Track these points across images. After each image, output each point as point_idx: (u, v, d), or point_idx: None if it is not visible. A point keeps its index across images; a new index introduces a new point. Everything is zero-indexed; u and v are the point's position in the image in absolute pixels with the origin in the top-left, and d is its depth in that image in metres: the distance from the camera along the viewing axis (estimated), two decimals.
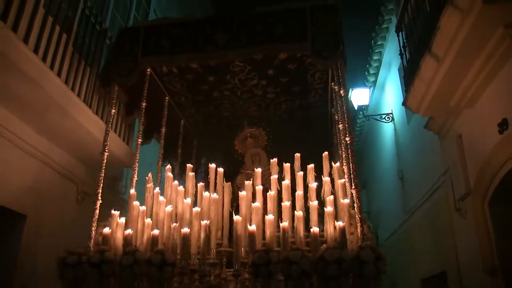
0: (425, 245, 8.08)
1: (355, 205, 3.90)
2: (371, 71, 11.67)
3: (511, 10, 4.28)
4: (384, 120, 10.19)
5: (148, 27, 5.00)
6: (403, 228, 9.55)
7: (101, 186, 4.40)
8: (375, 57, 11.15)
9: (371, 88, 11.75)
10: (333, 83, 5.06)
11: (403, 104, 6.83)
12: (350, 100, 4.71)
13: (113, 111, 4.79)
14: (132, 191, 4.63)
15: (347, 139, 4.17)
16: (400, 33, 7.04)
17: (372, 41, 10.74)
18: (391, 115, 10.00)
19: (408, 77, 6.53)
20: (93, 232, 4.17)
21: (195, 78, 5.51)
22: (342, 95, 4.42)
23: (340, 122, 4.69)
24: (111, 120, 4.77)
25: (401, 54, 6.99)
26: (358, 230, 3.79)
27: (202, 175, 5.86)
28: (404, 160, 9.41)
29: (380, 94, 11.64)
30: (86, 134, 5.65)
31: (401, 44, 6.96)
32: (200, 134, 6.69)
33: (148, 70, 5.11)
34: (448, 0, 4.65)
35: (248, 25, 4.68)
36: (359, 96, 10.71)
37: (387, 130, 10.61)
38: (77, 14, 5.65)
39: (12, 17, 4.34)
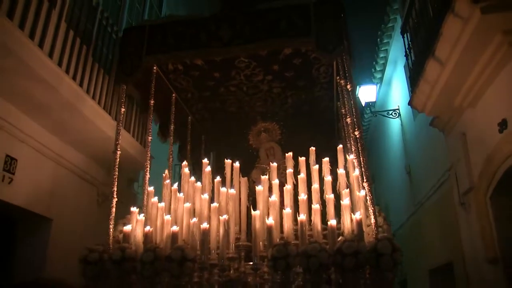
0: (432, 237, 8.20)
1: (367, 197, 3.93)
2: (378, 68, 11.72)
3: (508, 18, 4.52)
4: (391, 116, 10.27)
5: (153, 25, 5.04)
6: (411, 221, 9.65)
7: (116, 184, 4.48)
8: (382, 55, 11.23)
9: (378, 85, 11.81)
10: (338, 77, 5.09)
11: (409, 104, 7.03)
12: (358, 96, 4.76)
13: (123, 110, 4.85)
14: (151, 188, 4.69)
15: (356, 133, 4.20)
16: (405, 35, 7.25)
17: (378, 39, 10.82)
18: (397, 111, 10.08)
19: (413, 77, 6.74)
20: (111, 230, 4.26)
21: (200, 75, 5.56)
22: (349, 89, 4.43)
23: (348, 116, 4.70)
24: (121, 119, 4.81)
25: (406, 56, 7.21)
26: (373, 222, 3.82)
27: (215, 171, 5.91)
28: (411, 155, 9.52)
29: (386, 90, 11.72)
30: (105, 139, 5.83)
31: (406, 46, 7.17)
32: (208, 130, 6.74)
33: (154, 68, 5.15)
34: (450, 8, 4.84)
35: (252, 21, 4.70)
36: (366, 93, 10.79)
37: (394, 125, 10.67)
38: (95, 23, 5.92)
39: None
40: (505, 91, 5.02)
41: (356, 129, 4.21)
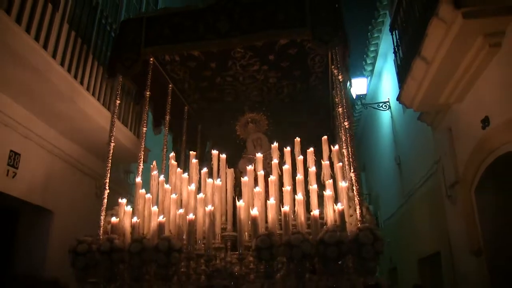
0: (421, 227, 8.45)
1: (354, 188, 4.02)
2: (368, 61, 11.88)
3: (488, 23, 4.80)
4: (381, 108, 10.48)
5: (150, 17, 5.07)
6: (401, 211, 9.85)
7: (108, 175, 4.56)
8: (372, 48, 11.37)
9: (369, 78, 11.98)
10: (333, 66, 5.15)
11: (397, 99, 7.20)
12: (349, 88, 4.84)
13: (118, 102, 4.90)
14: (138, 179, 4.75)
15: (346, 123, 4.27)
16: (394, 32, 7.43)
17: (369, 33, 10.97)
18: (388, 103, 10.28)
19: (401, 74, 6.95)
20: (102, 221, 4.33)
21: (197, 65, 5.61)
22: (341, 80, 4.50)
23: (339, 106, 4.77)
24: (116, 111, 4.86)
25: (394, 52, 7.41)
26: (357, 212, 3.92)
27: (208, 162, 5.95)
28: (400, 146, 9.73)
29: (377, 83, 11.91)
30: (103, 132, 5.84)
31: (395, 43, 7.39)
32: (204, 120, 6.80)
33: (151, 59, 5.19)
34: (434, 12, 5.06)
35: (249, 12, 4.76)
36: (357, 86, 10.99)
37: (385, 117, 10.86)
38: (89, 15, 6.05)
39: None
40: (487, 89, 5.33)
41: (346, 119, 4.28)
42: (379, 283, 3.58)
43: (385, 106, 10.29)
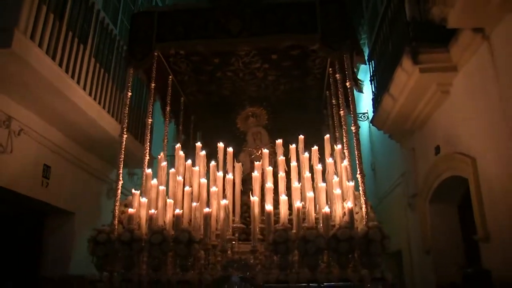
0: (388, 228, 8.95)
1: (360, 188, 4.32)
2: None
3: (440, 76, 6.02)
4: (360, 118, 10.96)
5: (162, 12, 5.14)
6: (376, 211, 10.46)
7: (122, 167, 4.69)
8: None
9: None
10: (330, 69, 5.40)
11: (371, 122, 8.63)
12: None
13: (129, 94, 4.97)
14: (149, 170, 4.89)
15: (353, 128, 4.54)
16: (370, 63, 8.64)
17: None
18: (366, 114, 10.81)
19: (375, 100, 8.18)
20: (116, 211, 4.48)
21: (200, 60, 5.69)
22: (348, 86, 4.73)
23: (341, 109, 5.03)
24: (127, 103, 4.94)
25: (370, 81, 8.62)
26: (363, 210, 4.23)
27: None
28: (376, 154, 10.62)
29: (358, 95, 12.22)
30: (111, 140, 6.59)
31: (371, 73, 8.64)
32: (198, 111, 6.89)
33: (156, 53, 5.19)
34: (399, 63, 6.20)
35: (260, 15, 4.89)
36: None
37: (364, 126, 11.40)
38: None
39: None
40: (439, 125, 6.61)
41: (353, 124, 4.55)
42: (384, 276, 3.91)
43: (364, 116, 10.86)
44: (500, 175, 5.04)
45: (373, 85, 8.46)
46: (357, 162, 4.39)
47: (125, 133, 4.80)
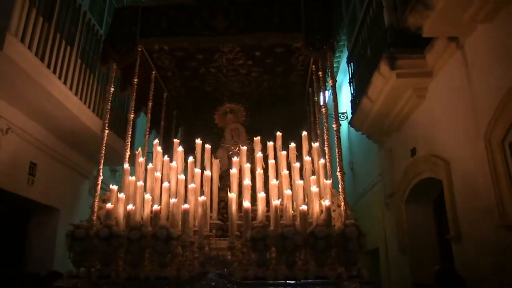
0: (366, 226, 9.17)
1: (339, 186, 4.38)
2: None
3: (416, 81, 6.22)
4: (340, 118, 10.97)
5: (146, 7, 5.11)
6: (354, 209, 10.61)
7: (102, 162, 4.66)
8: (335, 64, 12.01)
9: (329, 90, 12.48)
10: (314, 66, 5.46)
11: (349, 123, 8.76)
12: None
13: (112, 89, 4.95)
14: (126, 165, 4.86)
15: (334, 126, 4.60)
16: (349, 64, 8.89)
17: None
18: (345, 114, 10.89)
19: (354, 102, 8.41)
20: (95, 207, 4.46)
21: (184, 56, 5.69)
22: (331, 84, 4.81)
23: (323, 107, 5.09)
24: (110, 98, 4.92)
25: (350, 82, 8.84)
26: (342, 208, 4.30)
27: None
28: (354, 153, 10.81)
29: (337, 94, 12.38)
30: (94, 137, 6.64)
31: (350, 75, 8.83)
32: (181, 106, 6.88)
33: (139, 48, 5.17)
34: (377, 67, 6.37)
35: (246, 12, 4.93)
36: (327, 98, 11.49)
37: (343, 126, 11.44)
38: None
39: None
40: (415, 127, 6.83)
41: (334, 122, 4.60)
42: (361, 273, 3.99)
43: (343, 116, 10.95)
44: (471, 177, 5.23)
45: (351, 87, 8.68)
46: (337, 160, 4.44)
47: (106, 128, 4.77)
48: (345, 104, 11.29)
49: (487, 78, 4.84)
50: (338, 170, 4.40)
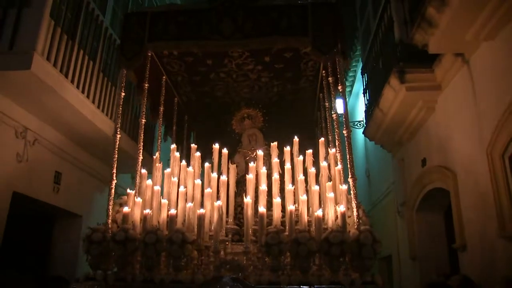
0: (380, 233, 9.37)
1: (351, 192, 4.36)
2: (347, 83, 12.81)
3: (425, 94, 6.44)
4: (356, 126, 11.29)
5: (154, 12, 5.14)
6: (369, 216, 10.79)
7: (115, 166, 4.72)
8: (351, 74, 12.61)
9: (348, 98, 12.69)
10: (324, 71, 5.44)
11: (363, 133, 9.02)
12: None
13: (123, 94, 4.98)
14: (143, 170, 4.94)
15: (344, 132, 4.56)
16: (364, 75, 9.10)
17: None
18: (362, 122, 10.95)
19: (367, 112, 8.60)
20: (110, 211, 4.52)
21: (194, 61, 5.71)
22: (340, 90, 4.78)
23: (334, 112, 5.08)
24: (121, 103, 4.94)
25: (364, 93, 9.08)
26: (355, 214, 4.28)
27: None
28: (370, 161, 10.97)
29: (354, 103, 12.88)
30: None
31: (364, 86, 9.08)
32: (192, 111, 6.91)
33: (149, 53, 5.21)
34: (387, 79, 6.58)
35: (253, 17, 4.90)
36: (338, 105, 11.56)
37: (359, 134, 11.62)
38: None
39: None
40: (426, 139, 7.03)
41: (344, 128, 4.55)
42: (375, 280, 3.96)
43: (359, 124, 11.10)
44: (476, 189, 5.32)
45: (365, 97, 8.92)
46: (348, 166, 4.43)
47: (118, 132, 4.82)
48: (362, 112, 11.42)
49: (491, 92, 4.92)
50: (350, 176, 4.36)
